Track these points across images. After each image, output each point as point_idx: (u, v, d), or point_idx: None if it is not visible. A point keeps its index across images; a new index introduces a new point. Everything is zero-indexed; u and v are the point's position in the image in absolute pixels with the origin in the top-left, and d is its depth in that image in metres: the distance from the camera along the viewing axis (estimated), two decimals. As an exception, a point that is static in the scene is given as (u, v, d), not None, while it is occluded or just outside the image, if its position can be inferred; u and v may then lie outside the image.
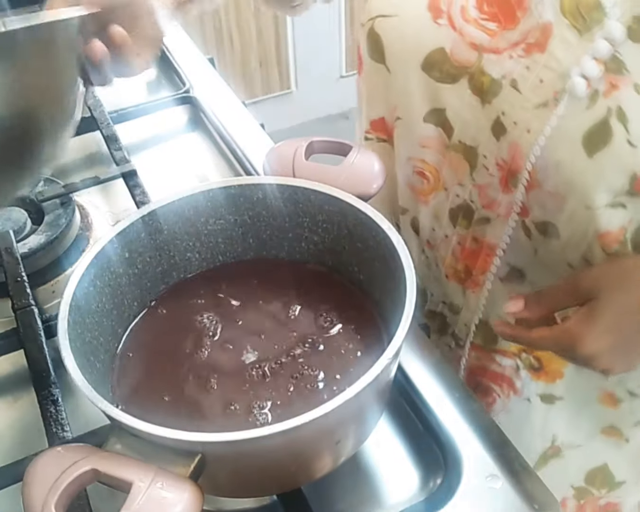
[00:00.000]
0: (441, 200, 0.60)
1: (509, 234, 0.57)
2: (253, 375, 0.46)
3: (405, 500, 0.46)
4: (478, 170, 0.55)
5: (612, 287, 0.49)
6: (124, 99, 0.83)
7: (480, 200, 0.57)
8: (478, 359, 0.67)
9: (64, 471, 0.35)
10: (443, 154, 0.57)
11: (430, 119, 0.56)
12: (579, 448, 0.68)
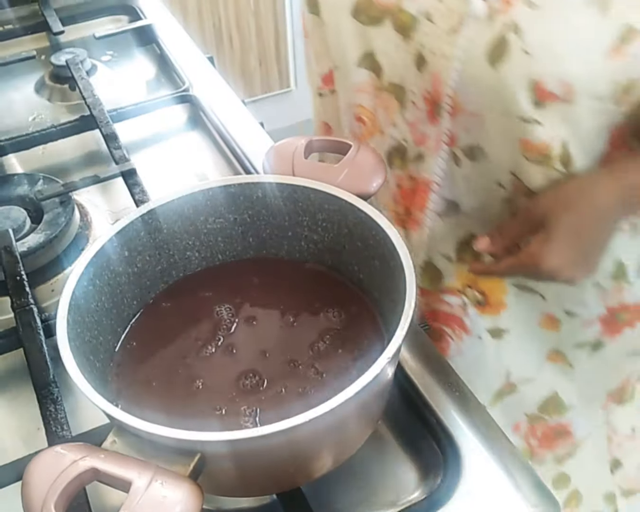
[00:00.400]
0: (378, 143, 0.64)
1: (441, 167, 0.61)
2: (250, 373, 0.46)
3: (404, 499, 0.46)
4: (408, 107, 0.60)
5: (561, 211, 0.55)
6: (124, 97, 0.83)
7: (412, 137, 0.62)
8: (427, 304, 0.71)
9: (63, 470, 0.35)
10: (377, 97, 0.62)
11: (363, 64, 0.61)
12: (531, 382, 0.73)
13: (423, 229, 0.65)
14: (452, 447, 0.47)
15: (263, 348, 0.48)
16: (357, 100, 0.64)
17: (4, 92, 0.89)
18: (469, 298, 0.68)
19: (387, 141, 0.64)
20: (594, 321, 0.68)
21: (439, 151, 0.60)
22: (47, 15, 0.96)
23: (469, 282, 0.67)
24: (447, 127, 0.58)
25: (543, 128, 0.54)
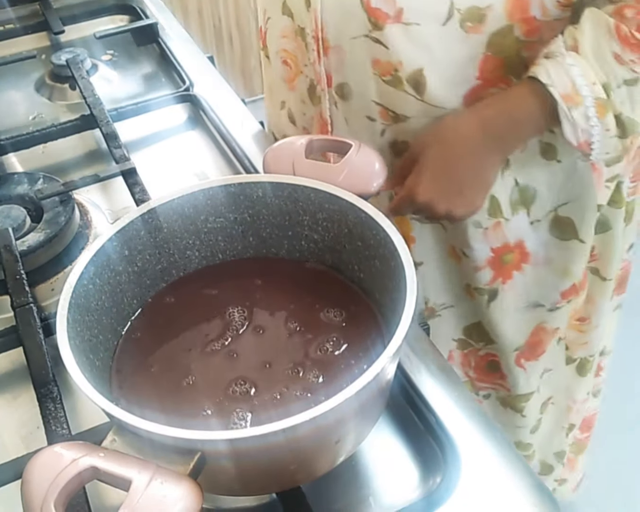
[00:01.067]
0: (301, 83, 0.70)
1: (328, 108, 0.67)
2: (250, 373, 0.46)
3: (404, 499, 0.46)
4: (308, 49, 0.65)
5: (432, 143, 0.59)
6: (124, 97, 0.83)
7: (315, 77, 0.67)
8: None
9: (63, 469, 0.35)
10: (294, 40, 0.67)
11: (285, 11, 0.67)
12: (452, 308, 0.77)
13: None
14: (452, 447, 0.47)
15: (263, 348, 0.48)
16: (282, 46, 0.69)
17: (5, 91, 0.89)
18: None
19: (304, 80, 0.69)
20: (483, 265, 0.71)
21: (325, 92, 0.66)
22: (47, 15, 0.96)
23: None
24: (326, 64, 0.64)
25: (387, 49, 0.59)
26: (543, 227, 0.70)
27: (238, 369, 0.46)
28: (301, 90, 0.71)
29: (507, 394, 0.84)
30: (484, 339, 0.79)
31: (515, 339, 0.78)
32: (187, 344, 0.49)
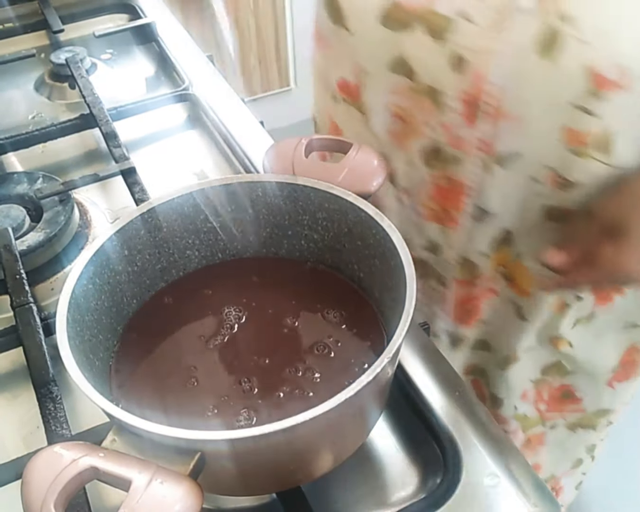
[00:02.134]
0: (414, 144, 0.64)
1: (476, 173, 0.61)
2: (250, 373, 0.46)
3: (404, 499, 0.46)
4: (443, 109, 0.59)
5: (633, 213, 0.55)
6: (123, 96, 0.83)
7: (447, 139, 0.60)
8: (463, 292, 0.72)
9: (63, 469, 0.35)
10: (412, 99, 0.61)
11: (395, 69, 0.60)
12: (533, 350, 0.74)
13: (460, 227, 0.65)
14: (452, 447, 0.47)
15: (263, 347, 0.48)
16: (393, 101, 0.63)
17: (4, 91, 0.89)
18: (500, 274, 0.69)
19: (424, 141, 0.63)
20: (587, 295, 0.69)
21: (473, 157, 0.60)
22: (46, 14, 0.96)
23: (501, 263, 0.68)
24: (484, 130, 0.57)
25: (593, 118, 0.53)
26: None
27: (238, 368, 0.46)
28: (411, 152, 0.65)
29: (580, 415, 0.81)
30: (562, 374, 0.76)
31: (606, 362, 0.75)
32: (187, 344, 0.49)
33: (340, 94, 0.69)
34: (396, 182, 0.68)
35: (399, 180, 0.68)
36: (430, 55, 0.57)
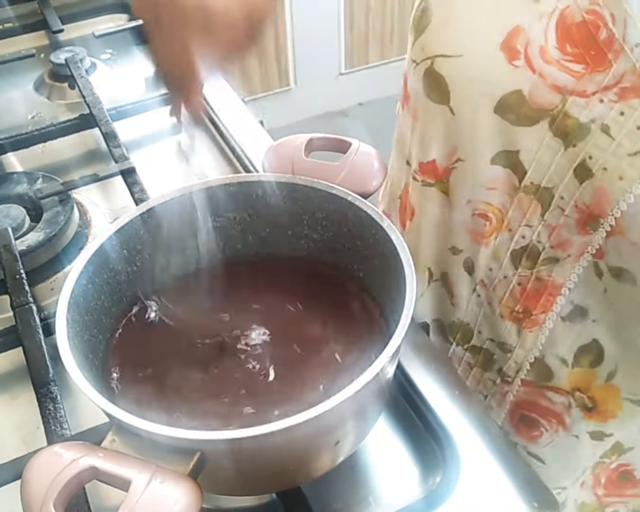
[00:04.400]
0: (503, 241, 0.58)
1: (579, 274, 0.55)
2: (250, 372, 0.46)
3: (404, 498, 0.46)
4: (552, 211, 0.53)
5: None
6: (123, 96, 0.83)
7: (550, 240, 0.55)
8: (527, 394, 0.65)
9: (62, 469, 0.35)
10: (510, 196, 0.55)
11: (499, 161, 0.54)
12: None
13: (542, 330, 0.60)
14: (452, 446, 0.47)
15: (263, 347, 0.48)
16: (483, 197, 0.57)
17: (3, 91, 0.89)
18: (577, 402, 0.63)
19: (516, 240, 0.57)
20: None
21: (580, 260, 0.54)
22: (46, 14, 0.96)
23: (581, 387, 0.62)
24: (599, 242, 0.52)
25: None
26: None
27: (238, 368, 0.46)
28: (498, 248, 0.59)
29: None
30: (619, 452, 0.70)
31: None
32: (187, 343, 0.49)
33: (422, 176, 0.63)
34: (474, 274, 0.63)
35: (478, 272, 0.62)
36: (552, 157, 0.51)
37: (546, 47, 0.48)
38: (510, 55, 0.49)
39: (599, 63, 0.46)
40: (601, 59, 0.46)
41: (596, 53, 0.46)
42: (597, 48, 0.46)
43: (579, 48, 0.47)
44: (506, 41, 0.49)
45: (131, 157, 0.70)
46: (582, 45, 0.47)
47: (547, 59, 0.48)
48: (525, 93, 0.49)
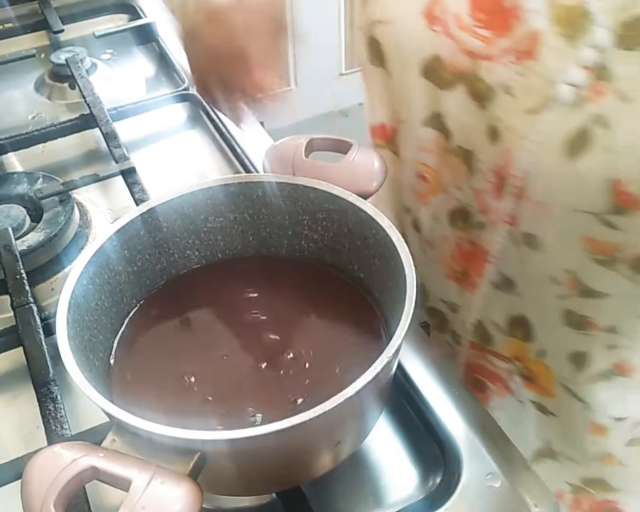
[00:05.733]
0: (441, 202, 0.60)
1: (500, 242, 0.57)
2: (250, 372, 0.46)
3: (404, 498, 0.46)
4: (475, 174, 0.55)
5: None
6: (123, 96, 0.83)
7: (476, 204, 0.57)
8: (475, 356, 0.68)
9: (63, 469, 0.35)
10: (443, 158, 0.58)
11: (430, 123, 0.57)
12: (574, 460, 0.68)
13: (478, 293, 0.62)
14: (452, 447, 0.47)
15: (262, 347, 0.48)
16: (420, 158, 0.60)
17: (4, 91, 0.89)
18: (517, 369, 0.65)
19: (451, 202, 0.60)
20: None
21: (499, 227, 0.56)
22: (47, 14, 0.96)
23: (518, 357, 0.64)
24: (510, 207, 0.54)
25: (619, 232, 0.49)
26: None
27: (238, 369, 0.46)
28: (437, 209, 0.62)
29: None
30: (607, 490, 0.70)
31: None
32: (187, 343, 0.49)
33: (373, 139, 0.66)
34: (421, 233, 0.65)
35: (424, 231, 0.65)
36: (470, 118, 0.53)
37: (461, 14, 0.51)
38: (431, 21, 0.52)
39: (503, 28, 0.49)
40: (504, 24, 0.49)
41: (501, 18, 0.49)
42: (502, 14, 0.49)
43: (488, 15, 0.50)
44: (427, 9, 0.52)
45: (131, 157, 0.70)
46: (490, 11, 0.50)
47: (461, 26, 0.51)
48: (444, 58, 0.53)
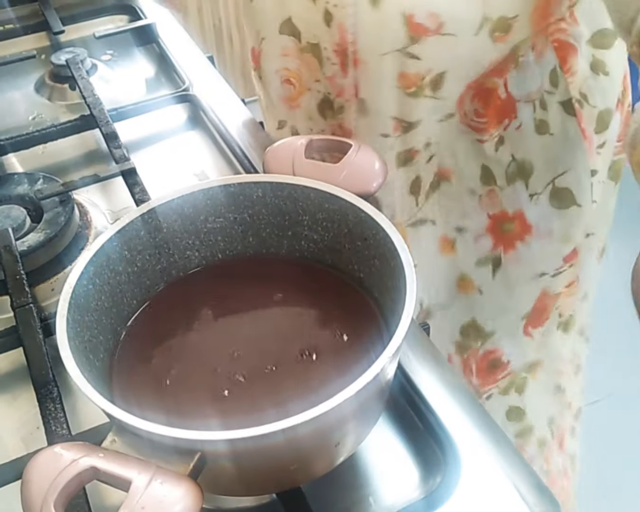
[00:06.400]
0: (309, 99, 0.69)
1: (354, 118, 0.67)
2: (250, 373, 0.46)
3: (404, 499, 0.46)
4: (325, 63, 0.65)
5: None
6: (124, 97, 0.83)
7: (333, 90, 0.66)
8: None
9: (63, 469, 0.35)
10: (299, 58, 0.66)
11: (284, 30, 0.65)
12: (447, 308, 0.78)
13: None
14: (452, 447, 0.47)
15: (262, 348, 0.48)
16: (282, 65, 0.69)
17: (4, 92, 0.89)
18: None
19: (315, 96, 0.68)
20: (482, 233, 0.73)
21: (352, 104, 0.66)
22: (47, 15, 0.96)
23: None
24: (354, 77, 0.64)
25: (420, 61, 0.60)
26: (542, 200, 0.72)
27: (238, 368, 0.46)
28: (308, 107, 0.70)
29: (511, 377, 0.84)
30: (481, 336, 0.79)
31: (521, 308, 0.78)
32: (187, 344, 0.49)
33: (252, 63, 0.74)
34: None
35: (302, 133, 0.73)
36: (308, 14, 0.62)
37: None
38: None
39: None
40: None
41: None
42: None
43: None
44: None
45: (132, 158, 0.70)
46: None
47: None
48: None
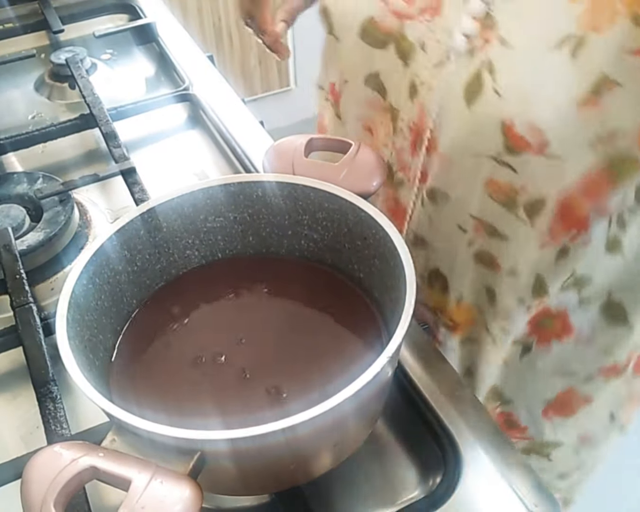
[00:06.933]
0: None
1: (413, 201, 0.63)
2: (250, 372, 0.46)
3: (404, 498, 0.46)
4: (397, 133, 0.61)
5: None
6: (123, 96, 0.83)
7: (397, 162, 0.62)
8: None
9: (62, 469, 0.35)
10: (379, 115, 0.63)
11: (369, 83, 0.62)
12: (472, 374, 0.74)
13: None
14: (452, 446, 0.47)
15: (262, 347, 0.48)
16: (365, 114, 0.64)
17: (4, 91, 0.89)
18: (441, 320, 0.68)
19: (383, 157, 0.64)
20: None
21: (413, 185, 0.61)
22: (47, 14, 0.96)
23: (440, 309, 0.67)
24: (422, 162, 0.58)
25: (516, 174, 0.53)
26: (592, 308, 0.65)
27: (238, 368, 0.46)
28: None
29: (530, 442, 0.79)
30: (500, 399, 0.75)
31: (544, 393, 0.74)
32: (187, 343, 0.49)
33: (331, 97, 0.71)
34: None
35: None
36: (397, 77, 0.58)
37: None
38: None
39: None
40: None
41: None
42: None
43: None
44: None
45: (131, 157, 0.70)
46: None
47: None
48: (376, 18, 0.57)
